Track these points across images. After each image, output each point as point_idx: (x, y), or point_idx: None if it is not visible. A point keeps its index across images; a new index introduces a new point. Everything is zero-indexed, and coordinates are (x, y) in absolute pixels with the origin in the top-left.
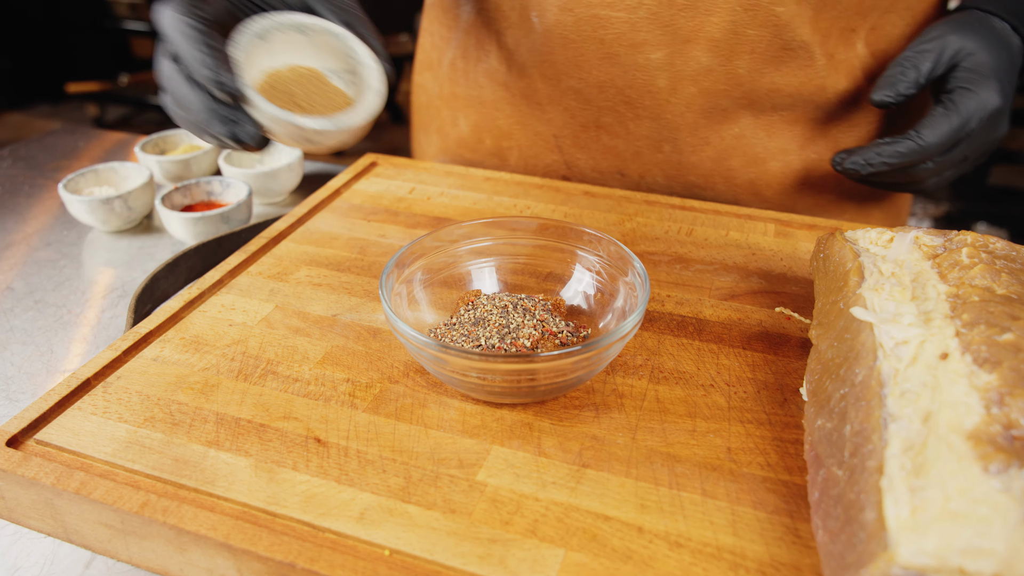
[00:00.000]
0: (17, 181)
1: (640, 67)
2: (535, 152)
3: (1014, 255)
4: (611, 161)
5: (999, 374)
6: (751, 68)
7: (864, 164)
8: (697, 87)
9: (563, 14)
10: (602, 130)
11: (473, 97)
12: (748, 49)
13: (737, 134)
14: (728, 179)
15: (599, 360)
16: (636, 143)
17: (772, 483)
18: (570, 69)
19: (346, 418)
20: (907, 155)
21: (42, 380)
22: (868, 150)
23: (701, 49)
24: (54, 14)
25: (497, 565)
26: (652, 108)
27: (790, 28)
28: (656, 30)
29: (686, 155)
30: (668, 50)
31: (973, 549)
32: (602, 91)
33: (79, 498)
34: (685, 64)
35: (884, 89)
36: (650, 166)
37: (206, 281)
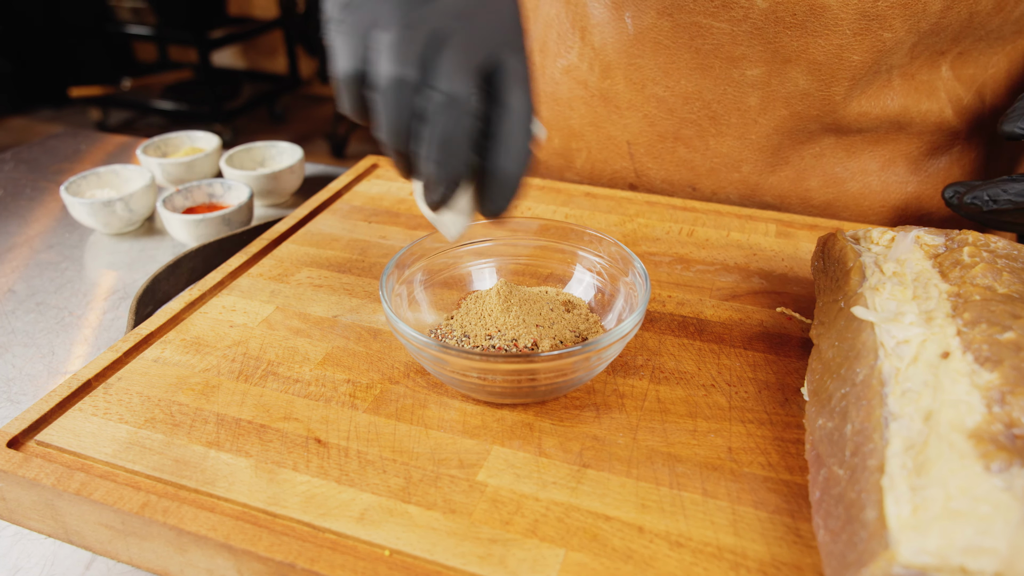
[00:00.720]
0: (19, 184)
1: (734, 82)
2: (604, 157)
3: (1015, 254)
4: (684, 175)
5: (1000, 373)
6: (846, 95)
7: (988, 201)
8: (789, 110)
9: (661, 18)
10: (680, 142)
11: (547, 93)
12: (848, 76)
13: (817, 153)
14: (804, 200)
15: (599, 360)
16: (713, 159)
17: (773, 483)
18: (658, 75)
19: (346, 419)
20: None
21: (43, 382)
22: (992, 186)
23: (801, 71)
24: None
25: (497, 565)
26: (738, 127)
27: (894, 54)
28: (758, 46)
29: (764, 176)
30: (766, 68)
31: (975, 548)
32: (688, 102)
33: (80, 499)
34: (781, 85)
35: (1018, 120)
36: (724, 184)
37: (207, 283)
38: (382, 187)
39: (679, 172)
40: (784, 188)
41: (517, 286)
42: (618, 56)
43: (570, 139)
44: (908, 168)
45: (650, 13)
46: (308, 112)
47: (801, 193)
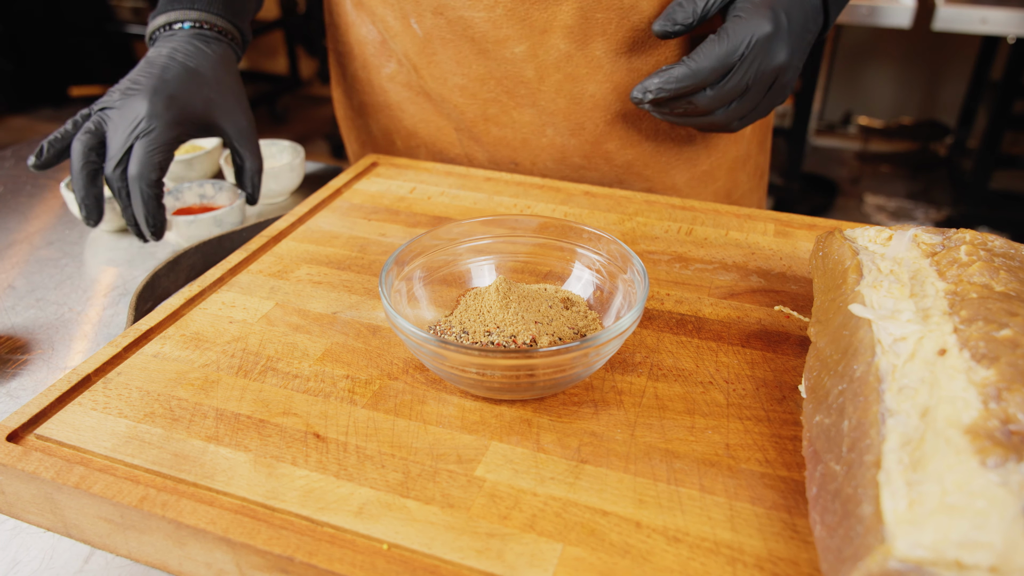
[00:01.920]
0: (19, 181)
1: (508, 60)
2: (440, 148)
3: (1012, 253)
4: (503, 151)
5: (997, 369)
6: (607, 50)
7: (644, 90)
8: (561, 73)
9: (436, 18)
10: (490, 122)
11: (380, 103)
12: (600, 32)
13: (609, 120)
14: (608, 160)
15: (597, 356)
16: (522, 131)
17: (770, 479)
18: (452, 67)
19: (345, 414)
20: (682, 79)
21: (43, 376)
22: (650, 77)
23: (557, 37)
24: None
25: (495, 559)
26: (527, 96)
27: (637, 9)
28: (515, 24)
29: (566, 138)
30: (529, 42)
31: (970, 542)
32: (483, 84)
33: (79, 492)
34: (547, 53)
35: (662, 20)
36: (538, 152)
37: (207, 279)
38: (382, 185)
39: (498, 149)
40: (587, 149)
41: (516, 283)
42: (419, 58)
43: (408, 138)
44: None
45: (427, 15)
46: (308, 112)
47: (603, 154)
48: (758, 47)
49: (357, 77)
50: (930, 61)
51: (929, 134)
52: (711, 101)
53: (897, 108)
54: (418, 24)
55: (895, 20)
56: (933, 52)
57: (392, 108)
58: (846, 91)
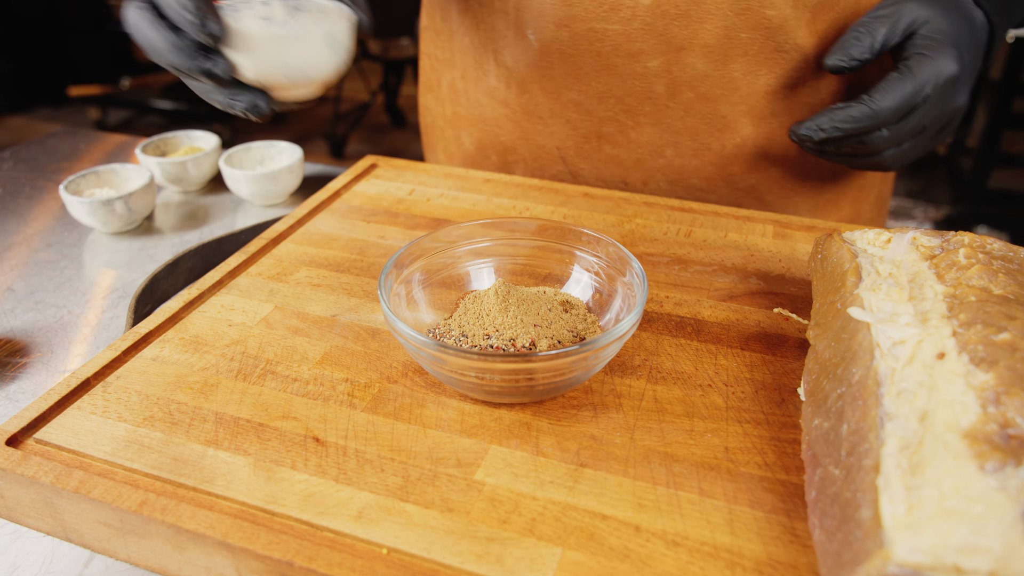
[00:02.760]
0: (18, 183)
1: (638, 75)
2: (540, 165)
3: (1011, 256)
4: (614, 170)
5: (995, 373)
6: (746, 71)
7: (816, 129)
8: (695, 92)
9: (559, 30)
10: (604, 140)
11: (475, 116)
12: (741, 52)
13: (738, 143)
14: (730, 183)
15: (597, 360)
16: (638, 150)
17: (769, 482)
18: (569, 82)
19: (345, 418)
20: (860, 120)
21: (42, 380)
22: (821, 116)
23: (696, 55)
24: (55, 17)
25: (495, 564)
26: (652, 114)
27: (783, 31)
28: (651, 39)
29: (688, 159)
30: (664, 58)
31: (969, 547)
32: (602, 102)
33: (78, 497)
34: (681, 71)
35: (837, 54)
36: (653, 172)
37: (206, 282)
38: (381, 187)
39: (609, 168)
40: (709, 172)
41: (515, 286)
42: (530, 71)
43: (505, 154)
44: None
45: (549, 27)
46: (307, 112)
47: (726, 177)
48: (943, 88)
49: (454, 87)
50: None
51: None
52: (885, 142)
53: None
54: (535, 36)
55: None
56: None
57: (488, 122)
58: None
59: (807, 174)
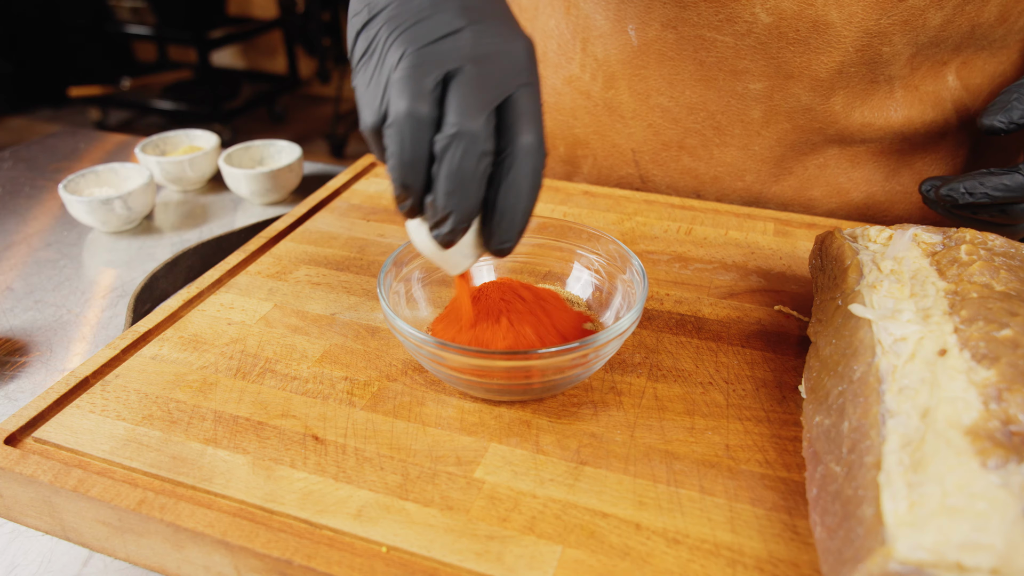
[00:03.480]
0: (18, 182)
1: (737, 95)
2: (610, 164)
3: (1012, 252)
4: (688, 182)
5: (997, 370)
6: (845, 104)
7: (964, 193)
8: (792, 123)
9: (665, 31)
10: (684, 151)
11: (550, 103)
12: (844, 85)
13: (821, 164)
14: (808, 209)
15: (597, 357)
16: (717, 168)
17: (770, 480)
18: (662, 86)
19: (344, 416)
20: (1013, 189)
21: (41, 379)
22: (969, 179)
23: (803, 87)
24: (55, 18)
25: (495, 562)
26: (741, 138)
27: (888, 65)
28: (760, 60)
29: (768, 186)
30: (769, 83)
31: (971, 544)
32: (692, 112)
33: (77, 495)
34: (784, 99)
35: (996, 114)
36: (728, 192)
37: (205, 280)
38: (380, 185)
39: (683, 180)
40: (787, 197)
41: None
42: (622, 67)
43: (575, 147)
44: (912, 178)
45: (654, 26)
46: (307, 112)
47: (804, 202)
48: None
49: None
50: None
51: None
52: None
53: None
54: (636, 33)
55: None
56: None
57: (564, 112)
58: None
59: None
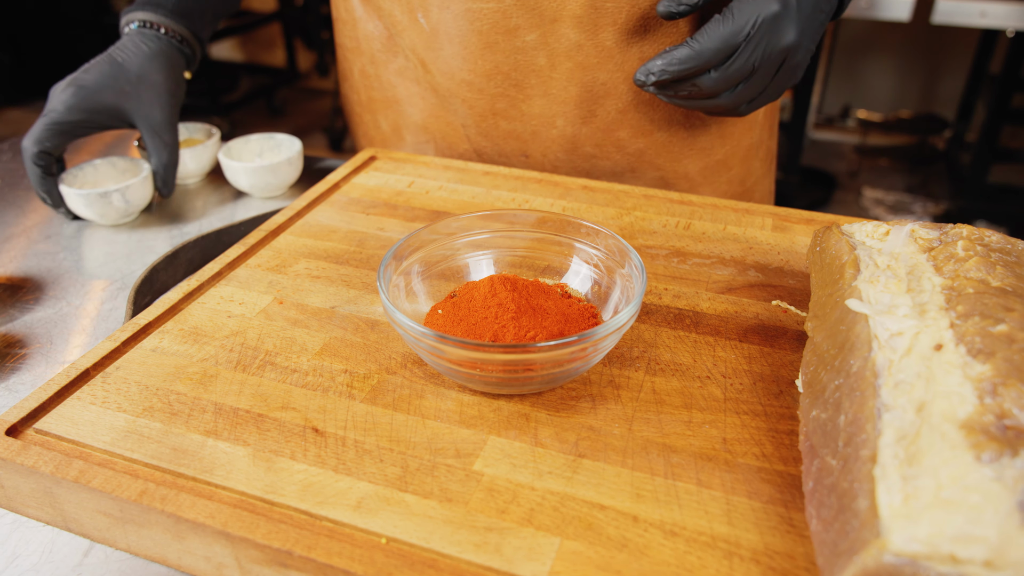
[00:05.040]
0: (16, 175)
1: (519, 50)
2: (449, 143)
3: (1009, 248)
4: (513, 144)
5: (993, 364)
6: (617, 40)
7: (647, 72)
8: (572, 62)
9: (443, 12)
10: (499, 116)
11: (388, 98)
12: (610, 22)
13: (621, 108)
14: (620, 149)
15: (595, 351)
16: (531, 123)
17: (767, 473)
18: (458, 62)
19: (344, 408)
20: (685, 61)
21: (42, 371)
22: (653, 60)
23: (568, 26)
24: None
25: (493, 553)
26: (538, 86)
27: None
28: (525, 14)
29: (578, 127)
30: (540, 31)
31: (965, 536)
32: (490, 79)
33: (78, 486)
34: (557, 42)
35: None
36: (548, 143)
37: (205, 273)
38: (380, 179)
39: (508, 143)
40: (599, 138)
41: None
42: (426, 53)
43: (418, 134)
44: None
45: (433, 10)
46: (306, 105)
47: (615, 142)
48: (764, 27)
49: (365, 73)
50: (929, 54)
51: (928, 128)
52: (716, 83)
53: (896, 101)
54: (424, 18)
55: (894, 13)
56: (932, 45)
57: (401, 104)
58: (845, 84)
59: (693, 137)
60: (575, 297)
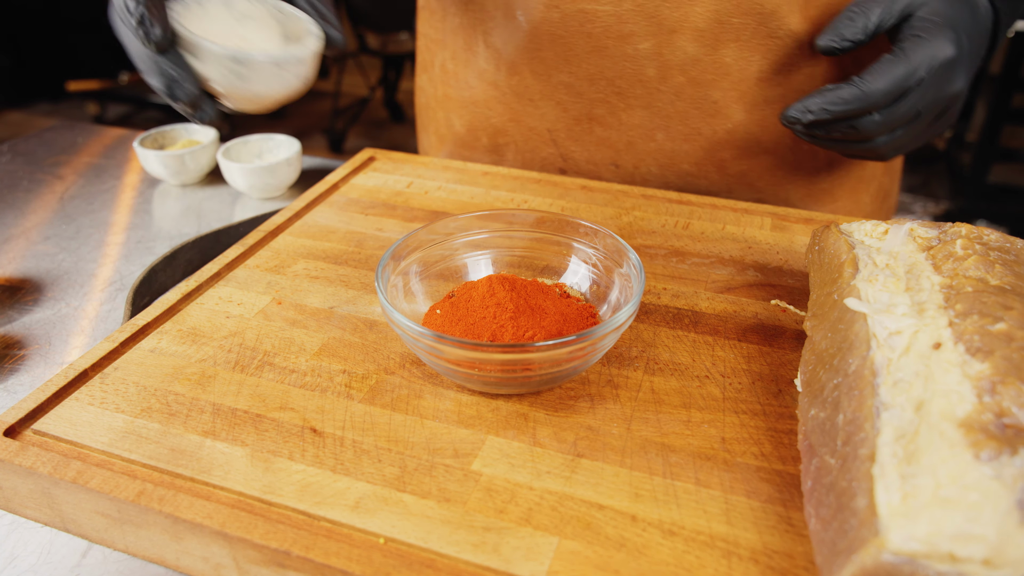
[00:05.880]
0: (16, 176)
1: (629, 57)
2: (531, 147)
3: (1008, 247)
4: (605, 152)
5: (991, 363)
6: (738, 56)
7: (804, 111)
8: (685, 76)
9: (549, 11)
10: (595, 122)
11: (465, 98)
12: (733, 37)
13: (729, 129)
14: (721, 169)
15: (594, 351)
16: (629, 133)
17: (766, 472)
18: (559, 64)
19: (342, 408)
20: (850, 102)
21: (40, 372)
22: (810, 97)
23: (687, 39)
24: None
25: (491, 553)
26: (643, 97)
27: (776, 16)
28: (642, 21)
29: (678, 143)
30: (655, 40)
31: (963, 535)
32: (592, 83)
33: (76, 487)
34: (672, 54)
35: (829, 34)
36: (643, 156)
37: (204, 274)
38: (379, 180)
39: (600, 150)
40: (699, 156)
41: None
42: (520, 53)
43: (496, 136)
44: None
45: (538, 8)
46: (306, 107)
47: (716, 163)
48: (939, 72)
49: (445, 68)
50: None
51: None
52: (876, 127)
53: None
54: (525, 16)
55: None
56: None
57: (479, 104)
58: None
59: (800, 163)
60: (574, 297)
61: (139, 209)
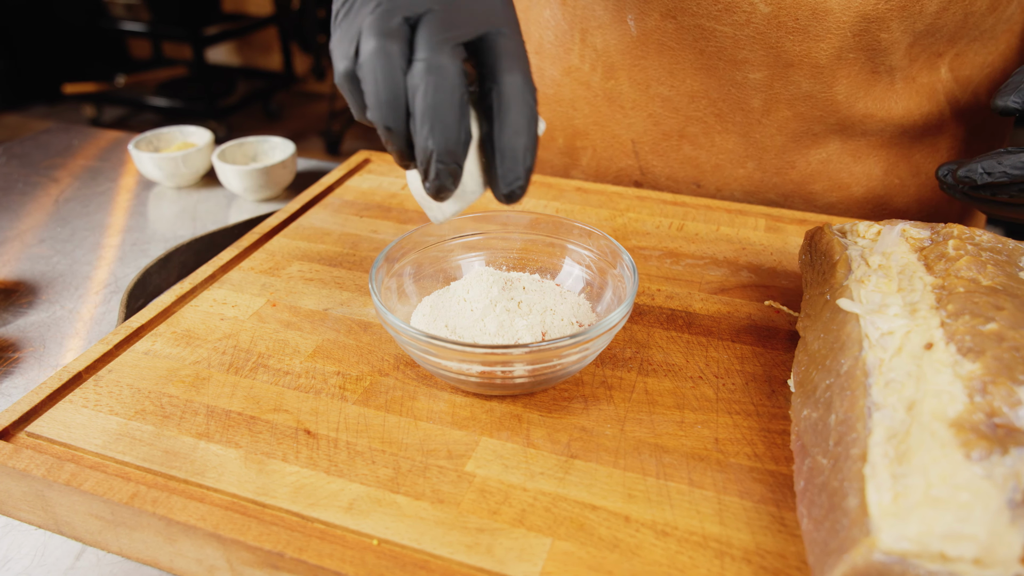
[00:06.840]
0: (11, 179)
1: (737, 84)
2: (609, 155)
3: (1000, 247)
4: (689, 171)
5: (983, 363)
6: (850, 92)
7: (982, 173)
8: (792, 111)
9: (664, 20)
10: (685, 139)
11: (548, 95)
12: (846, 74)
13: (824, 159)
14: (809, 202)
15: (587, 352)
16: (718, 156)
17: (759, 473)
18: (662, 75)
19: (336, 410)
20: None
21: (35, 375)
22: (986, 159)
23: (803, 75)
24: (50, 14)
25: (484, 554)
26: (743, 125)
27: (887, 53)
28: (759, 50)
29: (769, 175)
30: (769, 72)
31: (954, 534)
32: (693, 101)
33: (70, 489)
34: (784, 88)
35: (1011, 95)
36: (729, 181)
37: (198, 276)
38: (373, 182)
39: (684, 169)
40: (788, 189)
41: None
42: (621, 57)
43: (574, 138)
44: (910, 171)
45: (653, 15)
46: (303, 109)
47: (805, 195)
48: None
49: None
50: None
51: None
52: None
53: None
54: (636, 22)
55: None
56: None
57: (563, 103)
58: None
59: (890, 195)
60: None
61: (134, 211)
